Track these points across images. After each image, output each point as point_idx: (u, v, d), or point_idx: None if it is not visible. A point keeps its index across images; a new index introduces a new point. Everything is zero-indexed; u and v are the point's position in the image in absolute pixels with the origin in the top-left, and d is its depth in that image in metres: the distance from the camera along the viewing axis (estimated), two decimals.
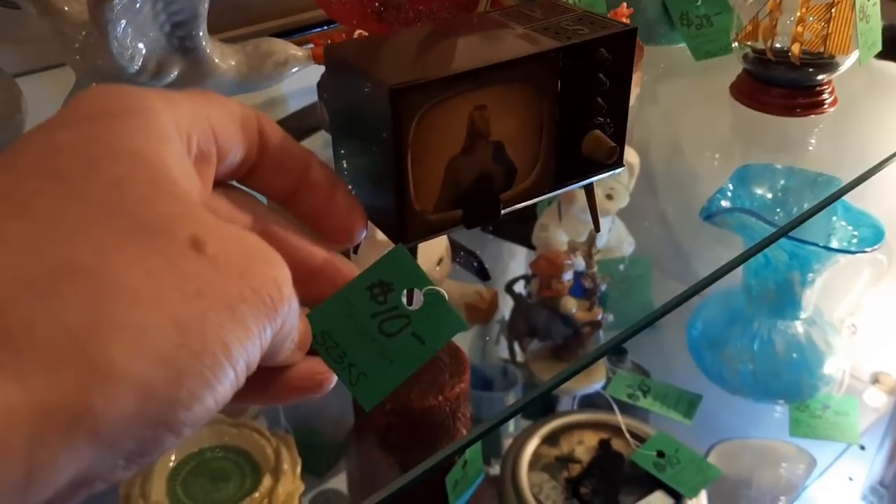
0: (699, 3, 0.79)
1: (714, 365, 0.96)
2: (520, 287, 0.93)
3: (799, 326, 0.90)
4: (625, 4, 0.68)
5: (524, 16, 0.46)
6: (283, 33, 0.72)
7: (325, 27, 0.72)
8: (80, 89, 0.45)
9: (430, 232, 0.43)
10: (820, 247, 0.80)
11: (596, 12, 0.47)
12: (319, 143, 0.70)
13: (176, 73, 0.44)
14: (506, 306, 0.92)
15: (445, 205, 0.42)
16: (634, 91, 0.67)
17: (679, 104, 0.84)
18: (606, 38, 0.43)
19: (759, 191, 0.83)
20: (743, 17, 0.66)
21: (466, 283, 0.84)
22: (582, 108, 0.45)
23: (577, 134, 0.45)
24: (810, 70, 0.63)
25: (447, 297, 0.36)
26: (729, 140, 0.79)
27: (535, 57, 0.41)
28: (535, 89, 0.42)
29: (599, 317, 0.90)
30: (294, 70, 0.50)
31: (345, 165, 0.46)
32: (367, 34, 0.54)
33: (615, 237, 0.96)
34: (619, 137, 0.48)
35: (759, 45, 0.64)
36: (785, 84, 0.65)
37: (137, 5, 0.40)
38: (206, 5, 0.43)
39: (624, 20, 0.67)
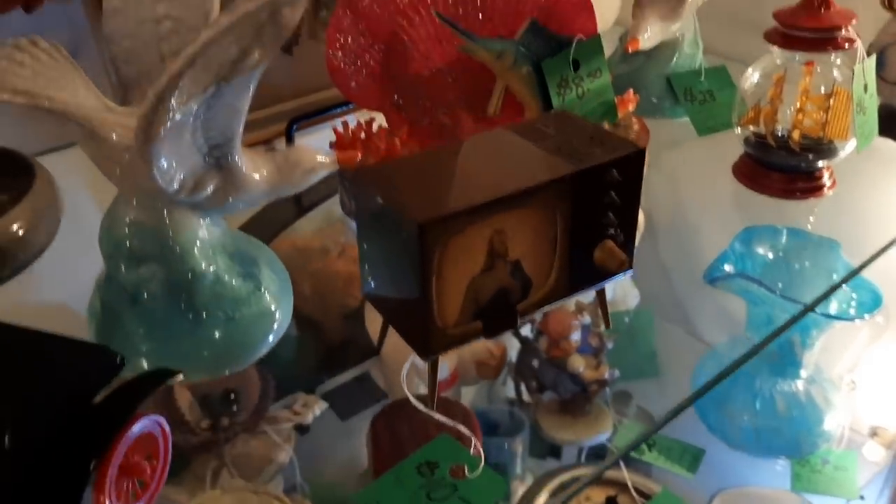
0: (703, 80, 0.82)
1: (717, 420, 0.98)
2: (526, 329, 0.95)
3: (800, 385, 0.92)
4: (631, 91, 0.71)
5: (538, 132, 0.49)
6: (303, 116, 0.75)
7: (344, 107, 0.75)
8: (121, 204, 0.47)
9: (451, 345, 0.46)
10: (820, 314, 0.82)
11: (605, 129, 0.49)
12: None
13: (212, 188, 0.47)
14: (512, 348, 0.94)
15: (466, 319, 0.45)
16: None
17: (682, 174, 0.86)
18: (617, 160, 0.46)
19: (761, 251, 0.86)
20: (746, 100, 0.69)
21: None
22: (593, 222, 0.47)
23: (589, 244, 0.48)
24: (810, 156, 0.66)
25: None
26: (731, 210, 0.82)
27: (550, 183, 0.44)
28: (549, 210, 0.45)
29: (606, 375, 0.92)
30: (321, 176, 0.52)
31: (369, 269, 0.48)
32: (389, 156, 0.57)
33: (620, 291, 0.99)
34: (629, 246, 0.50)
35: (761, 129, 0.67)
36: (785, 169, 0.68)
37: (179, 136, 0.43)
38: (242, 127, 0.46)
39: (630, 105, 0.70)
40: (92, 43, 0.74)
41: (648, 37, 0.73)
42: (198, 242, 0.48)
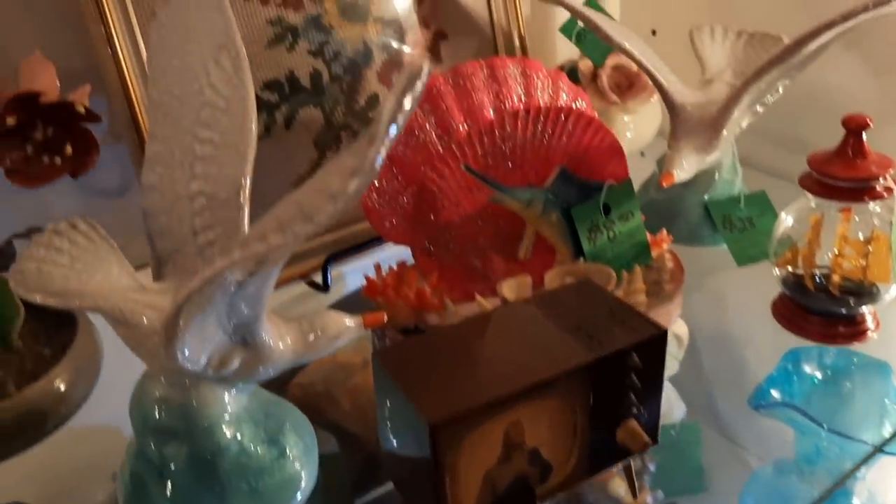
0: (742, 206, 0.81)
1: None
2: None
3: None
4: (664, 230, 0.70)
5: (560, 305, 0.49)
6: (339, 252, 0.76)
7: (379, 242, 0.76)
8: (149, 380, 0.49)
9: None
10: (872, 447, 0.79)
11: (627, 305, 0.49)
12: None
13: (237, 363, 0.48)
14: None
15: None
16: (675, 312, 0.69)
17: (724, 301, 0.85)
18: (637, 344, 0.45)
19: (808, 370, 0.83)
20: (782, 241, 0.68)
21: None
22: (615, 403, 0.47)
23: (610, 425, 0.47)
24: (851, 300, 0.64)
25: None
26: (774, 333, 0.80)
27: (566, 373, 0.43)
28: (567, 396, 0.44)
29: (649, 500, 0.90)
30: (347, 341, 0.53)
31: (386, 437, 0.49)
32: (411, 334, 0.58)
33: (666, 403, 0.96)
34: (653, 424, 0.50)
35: (799, 270, 0.66)
36: (825, 314, 0.66)
37: (203, 324, 0.44)
38: (266, 306, 0.47)
39: (664, 245, 0.70)
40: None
41: (683, 171, 0.73)
42: (224, 415, 0.49)
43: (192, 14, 0.54)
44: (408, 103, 0.28)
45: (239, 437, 0.50)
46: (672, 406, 0.95)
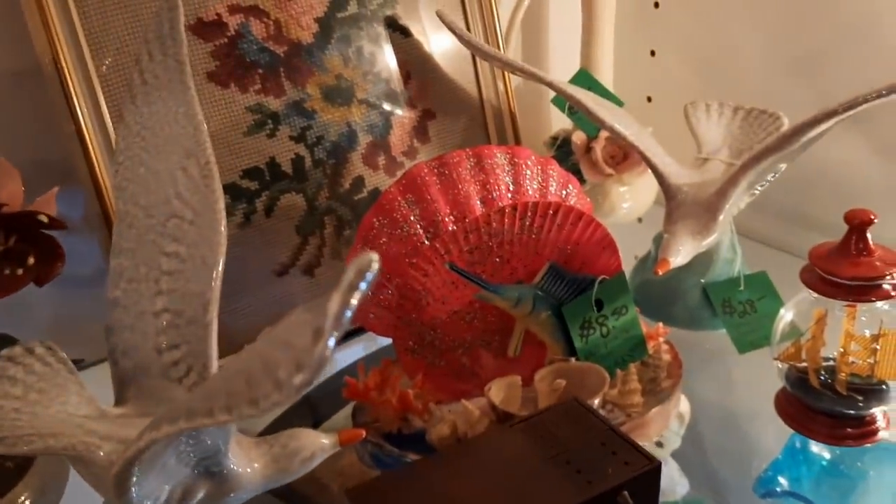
0: (742, 289, 0.78)
1: None
2: None
3: None
4: (661, 325, 0.67)
5: (546, 433, 0.46)
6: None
7: (363, 332, 0.74)
8: None
9: None
10: None
11: (619, 432, 0.46)
12: None
13: (202, 494, 0.45)
14: None
15: None
16: (673, 411, 0.66)
17: (727, 384, 0.81)
18: (629, 480, 0.42)
19: (816, 450, 0.79)
20: (784, 337, 0.65)
21: None
22: None
23: None
24: (860, 400, 0.61)
25: None
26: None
27: None
28: None
29: None
30: (321, 460, 0.50)
31: None
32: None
33: (668, 479, 0.93)
34: None
35: (804, 364, 0.63)
36: (832, 414, 0.62)
37: (162, 466, 0.41)
38: (231, 437, 0.44)
39: (660, 339, 0.67)
40: None
41: (679, 257, 0.70)
42: None
43: (161, 117, 0.52)
44: (355, 299, 0.26)
45: None
46: (674, 482, 0.91)
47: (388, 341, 0.67)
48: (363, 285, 0.26)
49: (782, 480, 0.76)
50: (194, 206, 0.50)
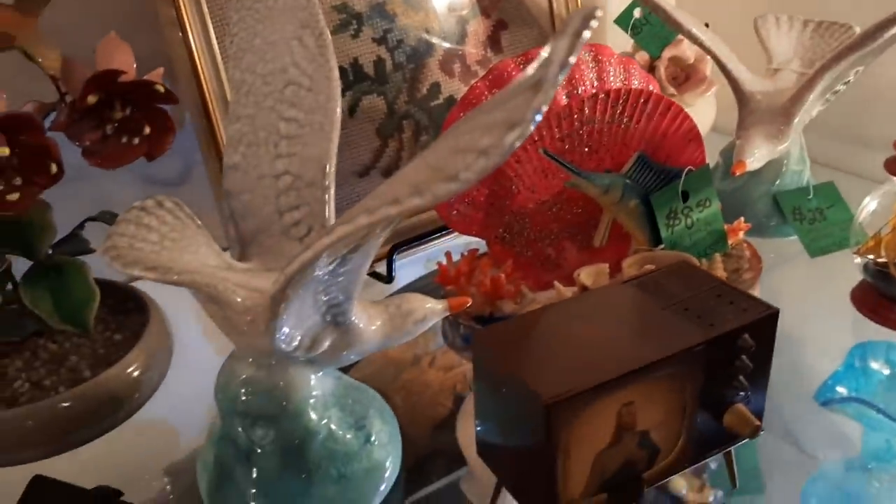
0: (811, 197, 0.79)
1: None
2: None
3: None
4: (742, 219, 0.69)
5: (660, 288, 0.47)
6: (403, 242, 0.75)
7: (443, 232, 0.75)
8: (237, 361, 0.47)
9: None
10: None
11: (731, 285, 0.47)
12: None
13: (327, 344, 0.47)
14: None
15: (590, 492, 0.43)
16: (755, 290, 0.67)
17: (794, 294, 0.83)
18: (750, 324, 0.44)
19: (875, 367, 0.81)
20: (865, 228, 0.66)
21: None
22: (724, 385, 0.45)
23: (717, 408, 0.46)
24: None
25: None
26: (846, 327, 0.78)
27: (683, 353, 0.42)
28: (679, 378, 0.43)
29: (711, 498, 0.87)
30: (433, 323, 0.52)
31: (484, 427, 0.47)
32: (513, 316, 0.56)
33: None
34: (759, 409, 0.48)
35: (882, 258, 0.64)
36: None
37: (302, 304, 0.43)
38: (361, 285, 0.46)
39: (741, 234, 0.68)
40: (203, 168, 0.76)
41: (755, 159, 0.71)
42: (311, 399, 0.48)
43: None
44: (578, 47, 0.27)
45: (326, 422, 0.49)
46: None
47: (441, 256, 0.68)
48: (587, 33, 0.27)
49: (841, 390, 0.78)
50: (311, 75, 0.51)
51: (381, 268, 0.75)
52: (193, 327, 0.67)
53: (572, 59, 0.26)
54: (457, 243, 0.78)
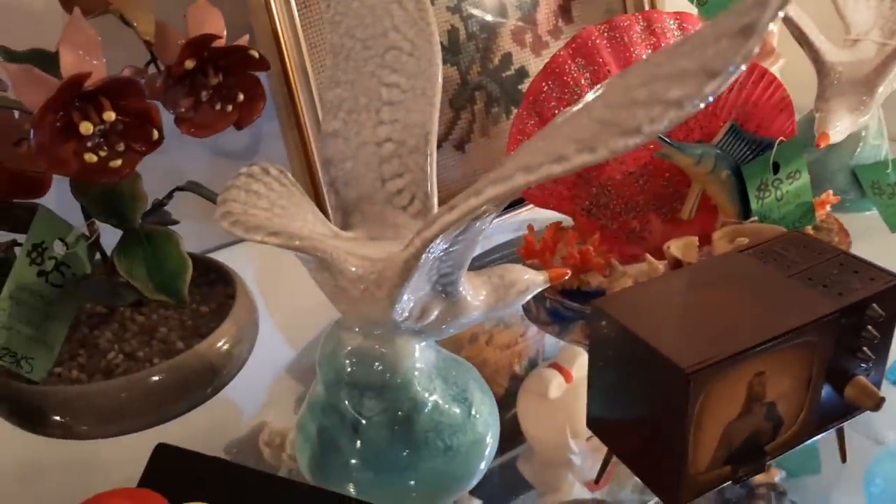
0: (890, 171, 0.77)
1: None
2: None
3: None
4: (830, 192, 0.67)
5: (779, 257, 0.46)
6: None
7: (518, 206, 0.74)
8: (342, 331, 0.46)
9: (700, 492, 0.43)
10: None
11: (852, 254, 0.46)
12: None
13: (436, 313, 0.46)
14: None
15: (716, 465, 0.42)
16: None
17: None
18: (879, 293, 0.43)
19: None
20: None
21: None
22: (849, 358, 0.44)
23: (840, 381, 0.45)
24: None
25: None
26: None
27: (817, 322, 0.41)
28: (810, 349, 0.42)
29: (777, 478, 0.87)
30: (533, 294, 0.51)
31: (600, 398, 0.46)
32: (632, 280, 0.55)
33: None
34: (878, 381, 0.47)
35: None
36: None
37: (421, 275, 0.42)
38: (471, 257, 0.45)
39: (828, 207, 0.67)
40: (271, 141, 0.75)
41: (838, 130, 0.70)
42: (417, 371, 0.47)
43: None
44: None
45: (431, 394, 0.48)
46: None
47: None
48: None
49: None
50: (412, 39, 0.50)
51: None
52: (273, 301, 0.67)
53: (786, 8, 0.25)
54: (519, 219, 0.77)
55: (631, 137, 0.28)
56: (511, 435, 0.62)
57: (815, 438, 0.47)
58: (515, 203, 0.74)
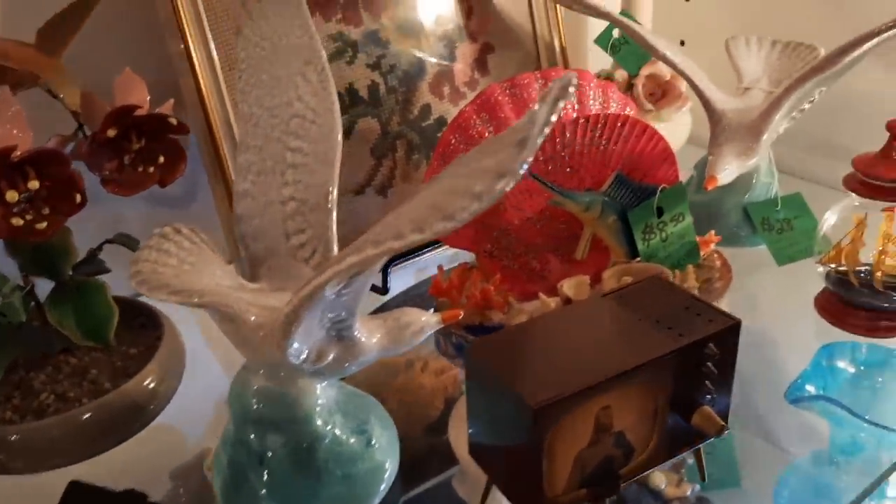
0: (779, 208, 0.84)
1: None
2: None
3: None
4: (713, 232, 0.73)
5: (636, 301, 0.52)
6: (398, 256, 0.79)
7: (434, 246, 0.80)
8: (249, 373, 0.52)
9: None
10: None
11: (698, 298, 0.52)
12: None
13: (332, 356, 0.51)
14: None
15: (572, 487, 0.48)
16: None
17: (763, 299, 0.88)
18: (714, 334, 0.49)
19: (841, 365, 0.86)
20: (827, 238, 0.71)
21: None
22: (691, 390, 0.50)
23: (687, 410, 0.50)
24: (894, 295, 0.68)
25: None
26: (813, 332, 0.83)
27: (653, 360, 0.47)
28: (652, 383, 0.48)
29: (689, 492, 0.92)
30: (427, 335, 0.56)
31: (476, 427, 0.52)
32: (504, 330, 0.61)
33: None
34: (725, 411, 0.53)
35: (843, 267, 0.69)
36: (869, 307, 0.69)
37: (310, 322, 0.47)
38: (361, 305, 0.50)
39: (712, 245, 0.73)
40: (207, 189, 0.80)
41: (726, 174, 0.76)
42: (318, 406, 0.52)
43: (278, 29, 0.58)
44: (558, 112, 0.31)
45: (331, 427, 0.53)
46: None
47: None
48: (565, 98, 0.31)
49: (810, 388, 0.83)
50: (314, 108, 0.56)
51: (377, 279, 0.80)
52: (200, 338, 0.72)
53: (553, 120, 0.31)
54: (446, 255, 0.83)
55: (449, 222, 0.34)
56: (447, 457, 0.68)
57: (671, 460, 0.52)
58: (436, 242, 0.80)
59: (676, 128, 1.01)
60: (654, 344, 0.48)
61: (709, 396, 0.51)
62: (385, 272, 0.79)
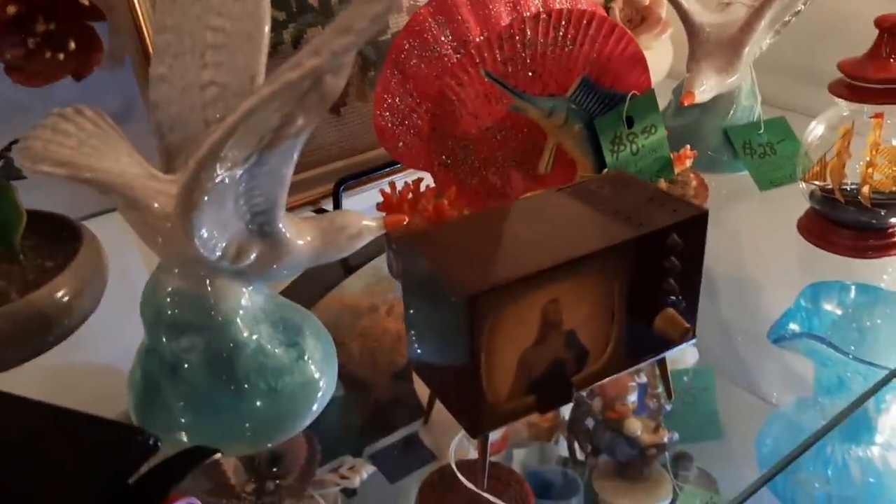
0: (762, 132, 0.79)
1: (786, 488, 0.92)
2: None
3: (875, 450, 0.87)
4: (688, 147, 0.68)
5: (593, 195, 0.47)
6: (351, 177, 0.74)
7: (391, 167, 0.74)
8: (163, 273, 0.46)
9: (504, 421, 0.43)
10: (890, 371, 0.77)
11: (664, 190, 0.47)
12: None
13: (255, 255, 0.46)
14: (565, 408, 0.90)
15: (518, 393, 0.42)
16: None
17: (744, 230, 0.83)
18: (678, 224, 0.43)
19: (828, 308, 0.81)
20: (811, 154, 0.66)
21: None
22: (654, 289, 0.45)
23: (649, 313, 0.45)
24: (882, 212, 0.62)
25: None
26: (796, 267, 0.78)
27: (607, 249, 0.41)
28: (606, 277, 0.42)
29: (665, 439, 0.88)
30: (368, 240, 0.51)
31: (415, 337, 0.46)
32: (435, 219, 0.56)
33: (677, 349, 0.95)
34: (692, 314, 0.47)
35: (827, 184, 0.64)
36: (855, 226, 0.64)
37: (221, 204, 0.42)
38: (286, 194, 0.45)
39: (687, 161, 0.68)
40: (143, 109, 0.74)
41: (704, 90, 0.71)
42: (240, 311, 0.47)
43: None
44: None
45: (256, 337, 0.48)
46: (684, 352, 0.93)
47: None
48: None
49: (794, 327, 0.78)
50: None
51: (328, 204, 0.74)
52: (132, 258, 0.66)
53: None
54: (404, 177, 0.78)
55: (347, 36, 0.28)
56: (413, 406, 0.63)
57: (631, 368, 0.47)
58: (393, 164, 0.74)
59: (656, 57, 0.95)
60: (609, 233, 0.42)
61: (673, 298, 0.45)
62: (337, 195, 0.73)
